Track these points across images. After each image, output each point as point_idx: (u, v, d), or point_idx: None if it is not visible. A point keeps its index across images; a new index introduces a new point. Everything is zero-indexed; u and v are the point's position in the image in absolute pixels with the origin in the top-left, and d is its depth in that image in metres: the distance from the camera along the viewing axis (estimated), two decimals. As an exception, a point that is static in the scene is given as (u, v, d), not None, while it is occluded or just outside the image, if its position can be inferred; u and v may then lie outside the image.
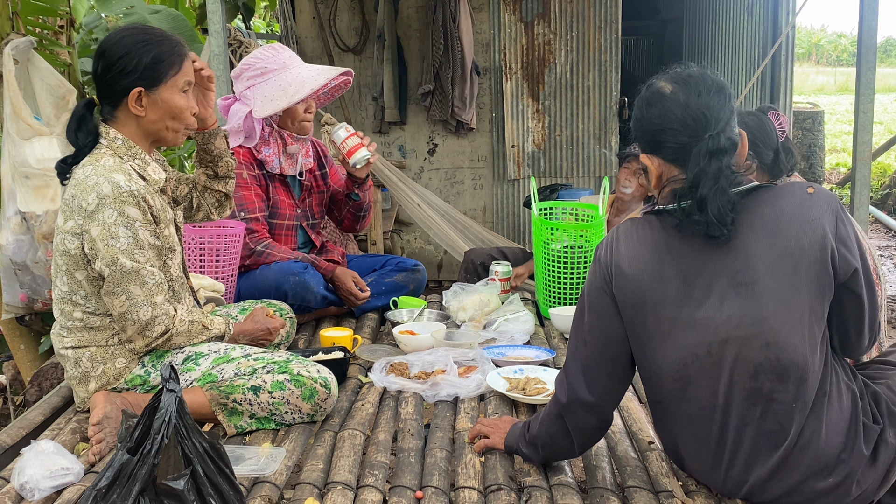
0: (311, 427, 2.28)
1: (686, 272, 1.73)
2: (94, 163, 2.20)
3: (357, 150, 3.18)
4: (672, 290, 1.73)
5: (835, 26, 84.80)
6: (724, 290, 1.69)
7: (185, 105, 2.27)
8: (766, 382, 1.68)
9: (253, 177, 3.17)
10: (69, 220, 2.19)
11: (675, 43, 8.16)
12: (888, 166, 10.24)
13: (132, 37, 2.22)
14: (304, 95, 3.10)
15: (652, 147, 1.81)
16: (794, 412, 1.69)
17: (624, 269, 1.77)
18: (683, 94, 1.74)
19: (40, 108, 3.82)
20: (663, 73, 1.82)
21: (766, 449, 1.72)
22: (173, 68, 2.23)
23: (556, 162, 5.69)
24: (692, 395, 1.76)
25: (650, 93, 1.80)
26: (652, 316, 1.75)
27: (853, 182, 3.70)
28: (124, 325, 2.22)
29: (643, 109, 1.80)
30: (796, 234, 1.67)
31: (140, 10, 4.24)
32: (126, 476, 1.55)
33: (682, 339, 1.73)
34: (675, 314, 1.73)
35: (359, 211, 3.46)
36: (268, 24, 10.27)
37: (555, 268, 3.19)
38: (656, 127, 1.77)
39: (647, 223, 1.81)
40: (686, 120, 1.72)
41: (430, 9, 5.29)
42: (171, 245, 2.30)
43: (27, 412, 2.43)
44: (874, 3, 3.53)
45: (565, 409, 1.88)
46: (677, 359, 1.75)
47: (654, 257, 1.76)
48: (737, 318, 1.68)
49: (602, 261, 1.82)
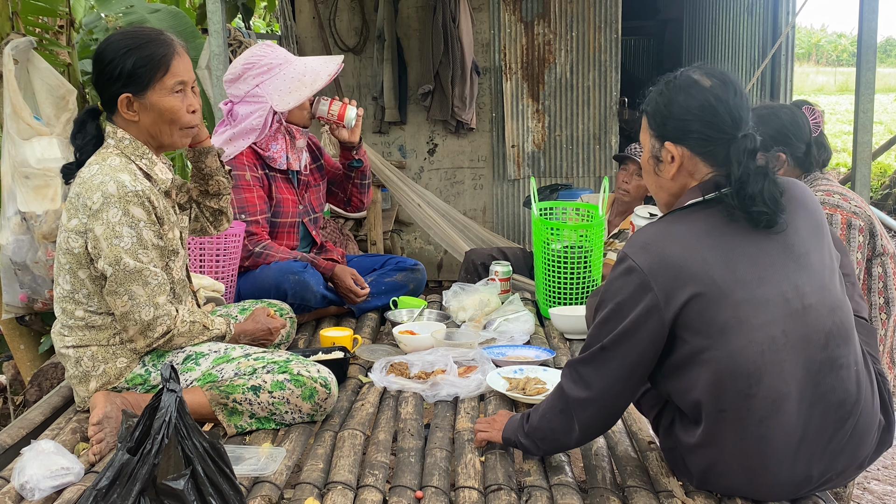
0: (311, 427, 2.28)
1: (746, 253, 1.71)
2: (100, 162, 2.20)
3: (345, 112, 3.24)
4: (740, 273, 1.70)
5: (835, 26, 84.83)
6: (786, 264, 1.72)
7: (177, 106, 2.24)
8: (835, 349, 1.72)
9: (256, 178, 3.17)
10: (73, 218, 2.19)
11: (675, 43, 8.16)
12: (888, 166, 10.25)
13: (117, 43, 2.22)
14: (324, 83, 3.15)
15: (680, 136, 1.79)
16: (854, 376, 1.75)
17: (681, 265, 1.69)
18: (723, 91, 1.76)
19: (40, 108, 3.81)
20: (695, 65, 1.83)
21: (834, 423, 1.73)
22: (158, 72, 2.20)
23: (556, 162, 5.69)
24: (764, 390, 1.69)
25: (686, 82, 1.79)
26: (725, 304, 1.68)
27: (853, 182, 3.70)
28: (126, 324, 2.22)
29: (677, 97, 1.78)
30: (816, 210, 1.83)
31: (140, 9, 4.23)
32: (126, 476, 1.55)
33: (760, 320, 1.69)
34: (749, 295, 1.69)
35: (363, 179, 3.50)
36: (268, 24, 10.28)
37: (555, 268, 3.19)
38: (692, 116, 1.76)
39: (681, 218, 1.77)
40: (725, 116, 1.75)
41: (430, 9, 5.30)
42: (174, 247, 2.30)
43: (27, 412, 2.43)
44: (874, 3, 3.53)
45: (577, 405, 1.82)
46: (755, 347, 1.68)
47: (710, 244, 1.71)
48: (803, 287, 1.72)
49: (646, 266, 1.71)
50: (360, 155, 3.43)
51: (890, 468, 3.61)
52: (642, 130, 1.91)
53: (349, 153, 3.40)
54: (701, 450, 1.78)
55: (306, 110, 3.25)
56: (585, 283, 3.20)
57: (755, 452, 1.72)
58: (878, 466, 3.61)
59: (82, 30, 4.83)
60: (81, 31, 4.82)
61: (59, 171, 2.26)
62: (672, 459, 1.91)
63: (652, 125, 1.84)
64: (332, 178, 3.53)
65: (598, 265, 3.25)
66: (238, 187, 3.11)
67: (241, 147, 3.14)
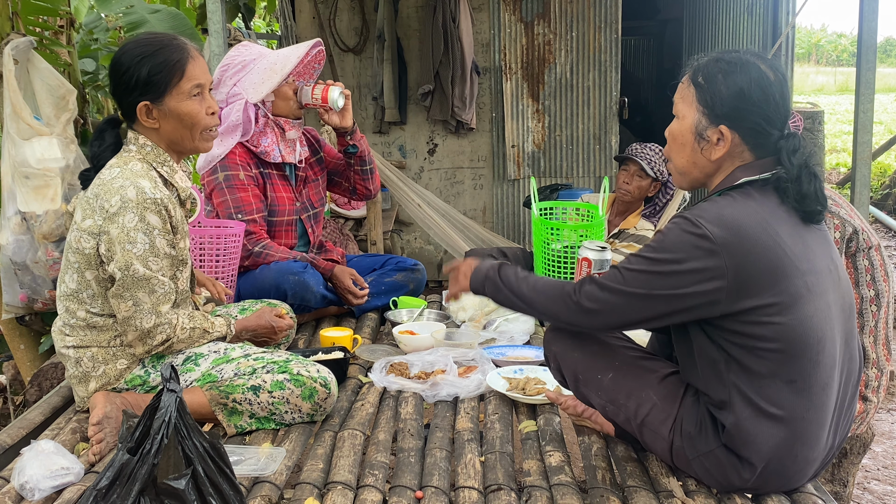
0: (311, 427, 2.28)
1: (797, 229, 1.77)
2: (121, 165, 2.20)
3: (328, 93, 3.18)
4: (800, 247, 1.75)
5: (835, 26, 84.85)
6: (819, 240, 1.82)
7: (196, 109, 2.24)
8: (853, 319, 1.87)
9: (250, 177, 3.16)
10: (88, 218, 2.19)
11: (675, 43, 8.15)
12: (888, 166, 10.25)
13: (131, 51, 2.22)
14: (293, 66, 3.11)
15: (737, 122, 1.79)
16: (859, 345, 1.89)
17: (757, 238, 1.71)
18: (781, 88, 1.80)
19: (40, 108, 3.81)
20: (752, 53, 1.84)
21: (853, 389, 1.87)
22: (175, 76, 2.21)
23: (556, 162, 5.69)
24: (826, 357, 1.76)
25: (752, 70, 1.79)
26: (797, 274, 1.72)
27: (853, 182, 3.70)
28: (126, 329, 2.22)
29: (741, 82, 1.78)
30: None
31: (140, 9, 4.23)
32: (126, 476, 1.55)
33: (821, 288, 1.76)
34: (810, 266, 1.75)
35: (363, 165, 3.43)
36: (268, 24, 10.28)
37: (555, 268, 3.19)
38: (754, 107, 1.78)
39: (743, 195, 1.78)
40: (781, 113, 1.79)
41: (430, 9, 5.29)
42: (183, 257, 2.30)
43: (27, 412, 2.43)
44: (874, 3, 3.53)
45: (582, 313, 1.85)
46: (821, 314, 1.75)
47: (777, 220, 1.75)
48: (836, 260, 1.86)
49: (720, 239, 1.70)
50: (356, 140, 3.37)
51: (890, 468, 3.61)
52: (685, 102, 1.86)
53: (344, 139, 3.36)
54: (769, 429, 1.75)
55: (292, 100, 3.21)
56: (585, 283, 3.19)
57: (816, 421, 1.77)
58: (878, 466, 3.61)
59: (82, 30, 4.83)
60: (81, 31, 4.82)
61: (61, 171, 2.27)
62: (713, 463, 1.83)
63: (706, 102, 1.82)
64: (334, 169, 3.49)
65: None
66: (232, 187, 3.11)
67: (229, 146, 3.13)
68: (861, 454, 2.99)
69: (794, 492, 1.88)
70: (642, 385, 1.91)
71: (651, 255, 1.78)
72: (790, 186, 1.76)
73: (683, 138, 1.86)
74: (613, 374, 1.95)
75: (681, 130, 1.86)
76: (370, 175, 3.48)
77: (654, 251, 1.78)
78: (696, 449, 1.84)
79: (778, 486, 1.84)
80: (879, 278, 2.68)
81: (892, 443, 3.84)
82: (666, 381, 1.91)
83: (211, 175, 3.16)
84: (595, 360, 1.98)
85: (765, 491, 1.85)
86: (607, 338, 2.01)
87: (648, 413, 1.89)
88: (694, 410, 1.85)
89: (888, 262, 2.72)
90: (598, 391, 1.97)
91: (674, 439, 1.87)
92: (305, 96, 3.20)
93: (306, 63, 3.31)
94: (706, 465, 1.84)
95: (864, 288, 2.67)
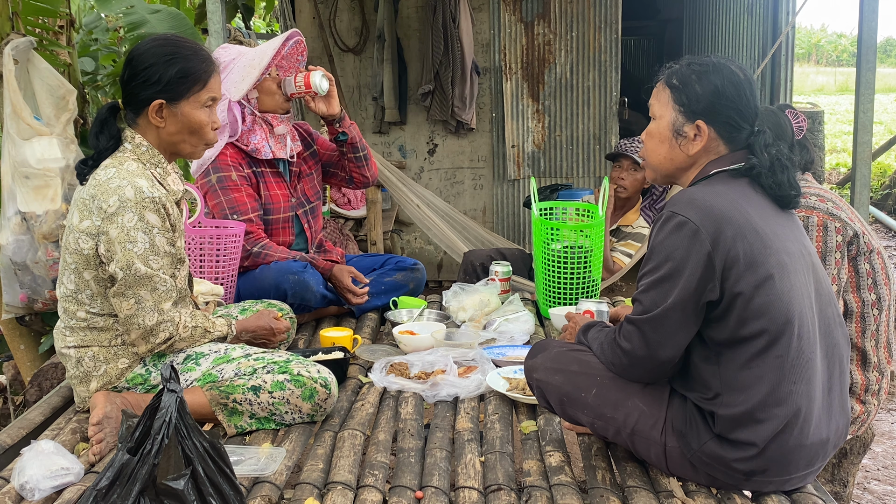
0: (311, 427, 2.28)
1: (769, 213, 1.87)
2: (117, 165, 2.20)
3: (310, 78, 3.17)
4: (771, 227, 1.84)
5: (835, 26, 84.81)
6: (792, 227, 1.91)
7: (205, 120, 2.27)
8: (834, 308, 1.92)
9: (242, 177, 3.15)
10: (85, 219, 2.19)
11: (675, 43, 8.16)
12: (888, 166, 10.25)
13: (160, 48, 2.23)
14: (269, 58, 3.11)
15: (711, 117, 1.90)
16: (843, 336, 1.92)
17: (727, 215, 1.79)
18: (750, 86, 1.91)
19: (40, 108, 3.81)
20: (726, 59, 1.95)
21: (840, 378, 1.90)
22: (198, 84, 2.24)
23: (556, 162, 5.70)
24: (806, 332, 1.81)
25: (722, 68, 1.90)
26: (768, 251, 1.80)
27: (853, 182, 3.70)
28: (129, 328, 2.22)
29: (713, 79, 1.89)
30: None
31: (140, 9, 4.22)
32: (126, 476, 1.55)
33: (795, 267, 1.83)
34: (782, 246, 1.83)
35: (356, 152, 3.39)
36: (268, 24, 10.27)
37: (555, 268, 3.19)
38: (727, 102, 1.89)
39: (714, 182, 1.89)
40: (752, 108, 1.91)
41: (430, 9, 5.30)
42: (181, 256, 2.31)
43: (27, 412, 2.43)
44: (874, 3, 3.54)
45: (636, 361, 1.88)
46: (797, 291, 1.81)
47: (746, 203, 1.84)
48: (809, 247, 1.92)
49: (696, 218, 1.79)
50: (345, 127, 3.33)
51: (890, 468, 3.61)
52: (661, 103, 1.97)
53: (333, 127, 3.33)
54: (764, 407, 1.77)
55: (277, 94, 3.20)
56: (585, 283, 3.20)
57: (806, 395, 1.79)
58: (878, 466, 3.61)
59: (82, 30, 4.83)
60: (81, 31, 4.82)
61: (61, 171, 2.27)
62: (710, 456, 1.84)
63: (682, 101, 1.92)
64: (329, 160, 3.47)
65: (598, 265, 3.25)
66: (226, 188, 3.11)
67: (218, 147, 3.14)
68: (861, 454, 2.99)
69: (794, 492, 1.89)
70: (627, 395, 1.92)
71: (651, 268, 1.86)
72: (763, 173, 1.87)
73: (661, 135, 1.96)
74: (597, 390, 1.95)
75: (658, 129, 1.97)
76: (365, 162, 3.44)
77: (650, 262, 1.86)
78: (689, 446, 1.84)
79: (779, 471, 1.82)
80: (881, 282, 2.68)
81: (892, 443, 3.85)
82: (650, 387, 1.92)
83: (204, 178, 3.17)
84: (577, 380, 1.99)
85: (766, 479, 1.83)
86: (587, 356, 2.02)
87: (637, 421, 1.91)
88: (682, 410, 1.87)
89: (889, 265, 2.72)
90: (585, 409, 1.98)
91: (666, 441, 1.87)
92: (289, 86, 3.20)
93: (286, 56, 3.30)
94: (704, 461, 1.84)
95: (866, 292, 2.67)
